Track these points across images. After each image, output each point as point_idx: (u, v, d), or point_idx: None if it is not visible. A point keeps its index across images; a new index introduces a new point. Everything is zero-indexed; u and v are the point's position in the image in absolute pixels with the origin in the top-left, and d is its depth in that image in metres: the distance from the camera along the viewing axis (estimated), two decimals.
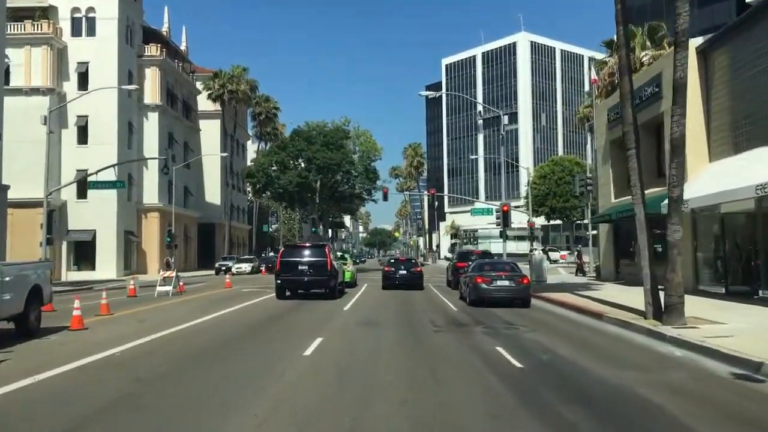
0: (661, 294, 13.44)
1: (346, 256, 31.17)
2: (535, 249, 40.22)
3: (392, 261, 29.61)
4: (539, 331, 13.36)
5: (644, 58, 34.36)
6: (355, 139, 49.93)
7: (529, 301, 20.31)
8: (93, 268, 50.25)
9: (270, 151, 48.86)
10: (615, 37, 35.71)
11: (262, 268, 48.49)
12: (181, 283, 26.04)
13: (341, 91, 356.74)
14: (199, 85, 65.95)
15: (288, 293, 21.50)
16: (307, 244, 22.72)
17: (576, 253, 37.90)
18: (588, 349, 11.10)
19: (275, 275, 21.41)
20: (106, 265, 50.15)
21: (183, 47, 69.94)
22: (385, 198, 50.41)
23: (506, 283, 20.00)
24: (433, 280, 34.26)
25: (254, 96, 70.83)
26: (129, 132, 53.72)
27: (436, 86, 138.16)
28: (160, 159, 34.61)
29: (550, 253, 67.93)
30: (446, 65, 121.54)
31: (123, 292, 24.78)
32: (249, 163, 59.16)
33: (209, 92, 59.86)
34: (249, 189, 54.27)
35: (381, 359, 9.99)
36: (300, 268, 20.50)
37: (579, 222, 65.09)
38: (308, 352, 10.54)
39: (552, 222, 67.18)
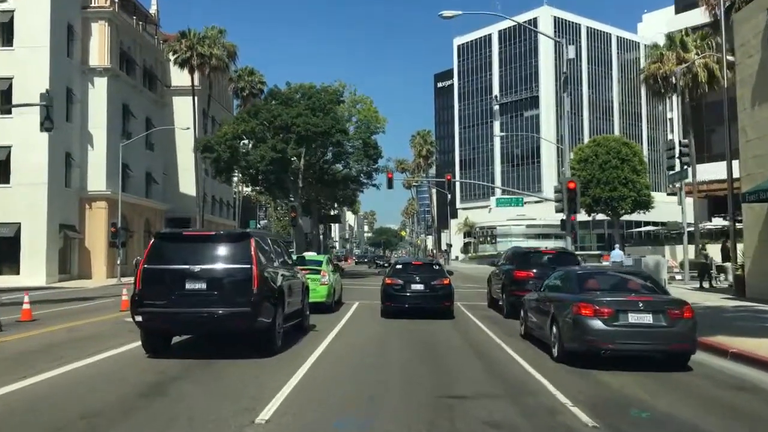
0: None
1: (320, 259, 18.79)
2: (617, 246, 28.93)
3: (399, 266, 16.84)
4: None
5: None
6: (351, 107, 38.56)
7: (689, 355, 9.19)
8: (17, 272, 39.32)
9: (238, 118, 37.49)
10: None
11: None
12: (24, 306, 14.92)
13: (339, 76, 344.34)
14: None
15: (180, 338, 10.67)
16: (208, 233, 10.17)
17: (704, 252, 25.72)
18: None
19: (132, 302, 9.41)
20: (34, 268, 39.18)
21: (153, 11, 58.97)
22: (390, 185, 39.34)
23: (648, 318, 8.77)
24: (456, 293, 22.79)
25: (235, 68, 59.77)
26: (68, 100, 42.76)
27: (448, 73, 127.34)
28: (40, 106, 23.40)
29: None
30: (458, 46, 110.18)
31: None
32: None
33: (175, 56, 48.75)
34: (206, 167, 42.37)
35: None
36: (189, 287, 9.03)
37: (627, 215, 53.50)
38: None
39: (590, 216, 55.62)
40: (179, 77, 54.56)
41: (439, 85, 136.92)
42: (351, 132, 36.98)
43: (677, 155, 24.71)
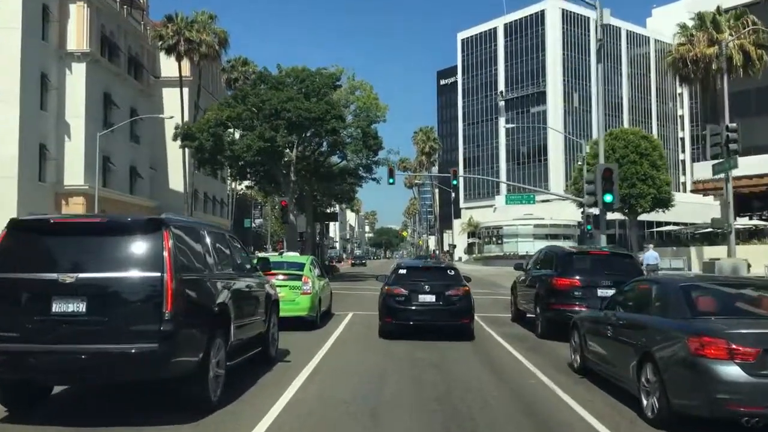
0: None
1: (303, 261, 14.63)
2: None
3: (402, 271, 12.83)
4: None
5: None
6: (349, 94, 34.97)
7: None
8: None
9: (222, 103, 33.94)
10: None
11: None
12: None
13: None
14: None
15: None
16: (92, 220, 6.68)
17: None
18: None
19: None
20: None
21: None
22: (391, 176, 35.89)
23: None
24: None
25: (228, 58, 56.50)
26: (42, 87, 39.41)
27: (451, 70, 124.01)
28: None
29: None
30: (462, 40, 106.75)
31: None
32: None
33: (161, 42, 45.39)
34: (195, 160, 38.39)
35: None
36: (57, 308, 5.42)
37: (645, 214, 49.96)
38: None
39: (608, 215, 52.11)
40: (169, 68, 51.10)
41: (442, 82, 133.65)
42: (349, 120, 33.40)
43: (724, 142, 21.25)
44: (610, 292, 10.76)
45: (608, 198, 17.71)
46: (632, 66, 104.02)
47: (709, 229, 43.31)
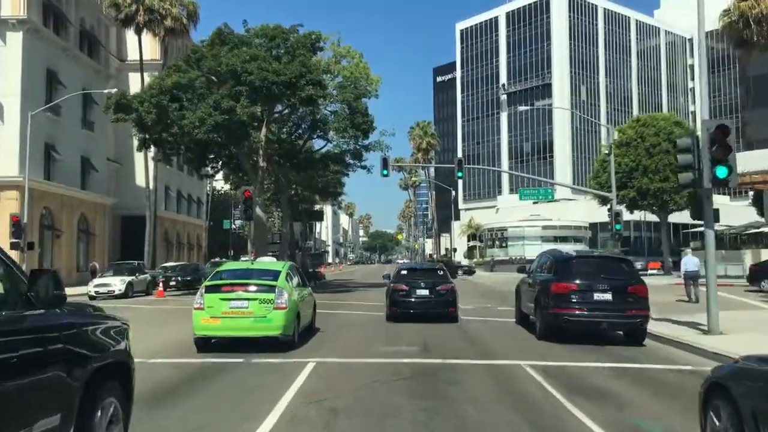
0: None
1: (278, 267, 11.27)
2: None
3: (404, 272, 16.79)
4: None
5: None
6: (333, 63, 28.18)
7: None
8: None
9: (171, 67, 26.91)
10: None
11: (159, 286, 26.39)
12: None
13: None
14: None
15: None
16: None
17: None
18: None
19: None
20: None
21: None
22: (385, 168, 29.48)
23: None
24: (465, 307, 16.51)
25: (202, 38, 49.98)
26: None
27: (448, 67, 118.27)
28: None
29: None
30: (461, 31, 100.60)
31: None
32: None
33: (116, 12, 38.88)
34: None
35: None
36: None
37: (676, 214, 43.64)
38: None
39: (632, 213, 45.54)
40: (137, 51, 44.51)
41: (439, 79, 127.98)
42: (333, 94, 26.65)
43: None
44: (606, 296, 11.37)
45: (722, 172, 11.26)
46: (642, 58, 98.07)
47: (761, 230, 37.16)
